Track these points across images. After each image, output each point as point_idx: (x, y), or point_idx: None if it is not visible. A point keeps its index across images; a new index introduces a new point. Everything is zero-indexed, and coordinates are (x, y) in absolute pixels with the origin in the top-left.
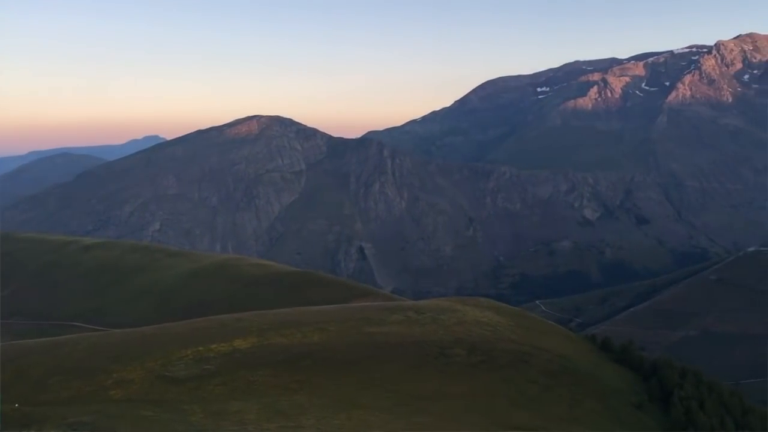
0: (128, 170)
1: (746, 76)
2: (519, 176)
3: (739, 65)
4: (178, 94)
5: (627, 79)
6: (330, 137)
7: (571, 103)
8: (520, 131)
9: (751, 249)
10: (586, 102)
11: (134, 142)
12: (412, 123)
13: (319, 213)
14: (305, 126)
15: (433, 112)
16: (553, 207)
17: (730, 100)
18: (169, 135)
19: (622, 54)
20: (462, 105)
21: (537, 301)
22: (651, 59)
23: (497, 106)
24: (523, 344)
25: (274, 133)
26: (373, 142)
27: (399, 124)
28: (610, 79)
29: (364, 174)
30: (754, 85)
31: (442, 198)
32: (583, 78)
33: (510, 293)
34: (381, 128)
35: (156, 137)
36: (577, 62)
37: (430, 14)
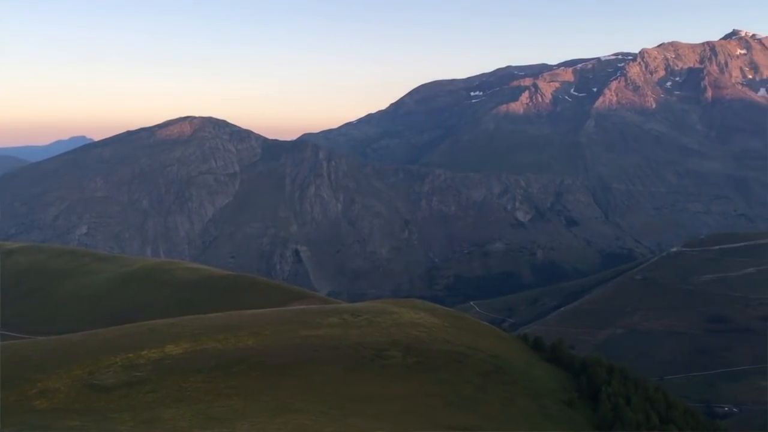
0: (53, 172)
1: (669, 83)
2: (453, 179)
3: (662, 72)
4: (107, 94)
5: (557, 84)
6: (265, 139)
7: (503, 108)
8: (454, 134)
9: (674, 249)
10: (518, 106)
11: (60, 143)
12: (348, 125)
13: (253, 216)
14: (239, 127)
15: (369, 115)
16: (487, 209)
17: (654, 105)
18: (97, 136)
19: (552, 60)
20: (397, 108)
21: (471, 302)
22: (579, 65)
23: (432, 109)
24: (458, 345)
25: (208, 135)
26: (308, 144)
27: (335, 126)
28: (541, 84)
29: (299, 176)
30: (676, 92)
31: (377, 200)
32: (515, 83)
33: (445, 295)
34: (316, 130)
35: (83, 138)
36: (509, 67)
37: (365, 16)
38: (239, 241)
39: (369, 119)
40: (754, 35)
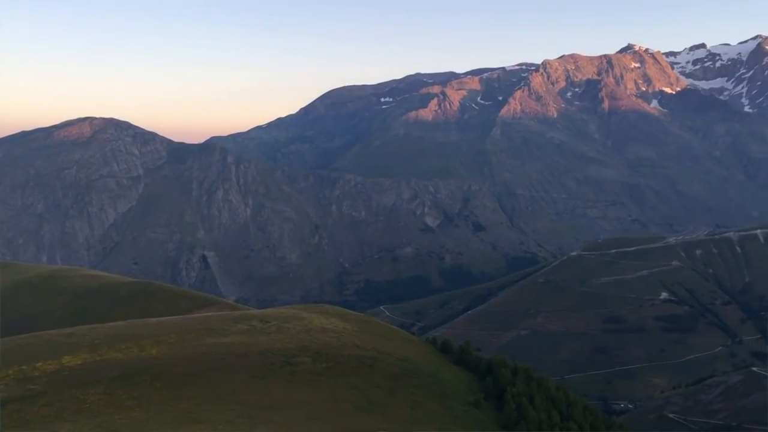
0: None
1: (569, 94)
2: (364, 184)
3: (563, 83)
4: None
5: (464, 92)
6: (170, 142)
7: (413, 114)
8: (364, 140)
9: (574, 253)
10: (427, 113)
11: None
12: (258, 129)
13: (158, 221)
14: (143, 130)
15: (279, 119)
16: (397, 214)
17: (555, 115)
18: None
19: (460, 68)
20: (307, 112)
21: (381, 307)
22: (486, 74)
23: (342, 114)
24: (368, 349)
25: (109, 137)
26: (216, 148)
27: (244, 130)
28: (449, 92)
29: (207, 180)
30: (576, 102)
31: (287, 205)
32: (424, 90)
33: (355, 299)
34: (225, 134)
35: None
36: (418, 74)
37: (273, 20)
38: (143, 247)
39: (279, 123)
40: (647, 50)
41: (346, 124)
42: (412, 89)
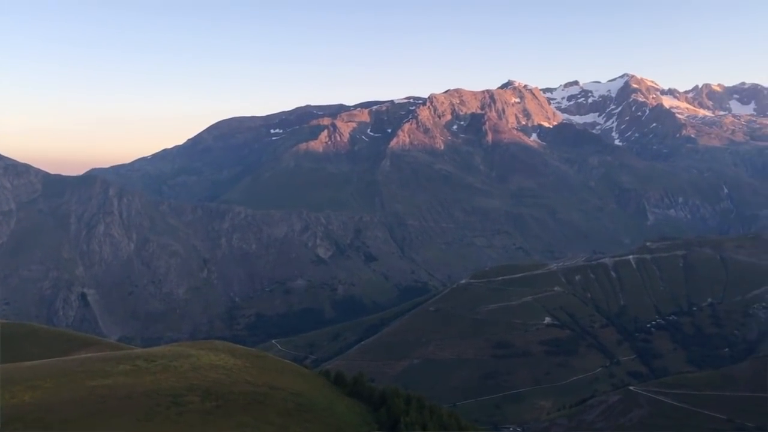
0: None
1: (455, 127)
2: (254, 216)
3: (449, 116)
4: None
5: (354, 124)
6: (46, 174)
7: (303, 146)
8: (254, 171)
9: (463, 281)
10: (318, 145)
11: None
12: (142, 161)
13: (32, 258)
14: (16, 161)
15: (165, 150)
16: (288, 246)
17: (442, 147)
18: None
19: (349, 101)
20: (195, 144)
21: (273, 341)
22: (375, 107)
23: (231, 145)
24: (259, 385)
25: None
26: (97, 180)
27: (127, 161)
28: (339, 124)
29: (86, 214)
30: (462, 135)
31: (174, 239)
32: (314, 122)
33: (246, 334)
34: (106, 165)
35: None
36: (308, 106)
37: (159, 49)
38: (15, 286)
39: (165, 155)
40: (526, 86)
41: (235, 155)
42: (302, 121)
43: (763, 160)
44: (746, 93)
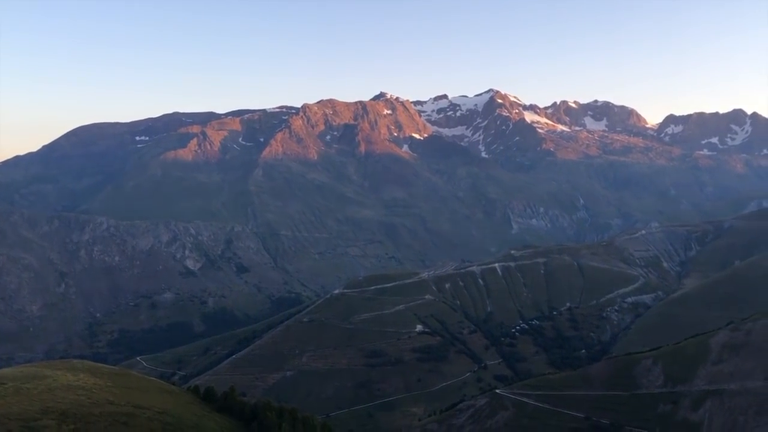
0: None
1: (328, 137)
2: (117, 227)
3: (322, 126)
4: None
5: (225, 133)
6: None
7: (171, 154)
8: (117, 180)
9: (336, 291)
10: (187, 153)
11: None
12: None
13: None
14: None
15: (17, 157)
16: (155, 258)
17: (316, 157)
18: None
19: (220, 109)
20: (51, 151)
21: (138, 358)
22: (246, 116)
23: (92, 153)
24: (122, 405)
25: None
26: None
27: None
28: (209, 132)
29: None
30: (335, 145)
31: (27, 252)
32: (183, 129)
33: (108, 352)
34: None
35: None
36: (176, 113)
37: (9, 50)
38: None
39: (17, 162)
40: (397, 98)
41: (96, 163)
42: (170, 128)
43: (614, 172)
44: (599, 110)
